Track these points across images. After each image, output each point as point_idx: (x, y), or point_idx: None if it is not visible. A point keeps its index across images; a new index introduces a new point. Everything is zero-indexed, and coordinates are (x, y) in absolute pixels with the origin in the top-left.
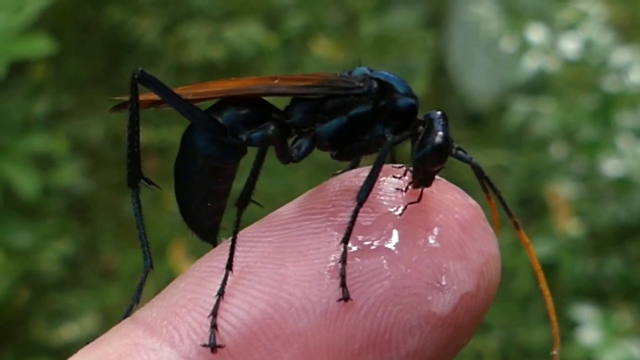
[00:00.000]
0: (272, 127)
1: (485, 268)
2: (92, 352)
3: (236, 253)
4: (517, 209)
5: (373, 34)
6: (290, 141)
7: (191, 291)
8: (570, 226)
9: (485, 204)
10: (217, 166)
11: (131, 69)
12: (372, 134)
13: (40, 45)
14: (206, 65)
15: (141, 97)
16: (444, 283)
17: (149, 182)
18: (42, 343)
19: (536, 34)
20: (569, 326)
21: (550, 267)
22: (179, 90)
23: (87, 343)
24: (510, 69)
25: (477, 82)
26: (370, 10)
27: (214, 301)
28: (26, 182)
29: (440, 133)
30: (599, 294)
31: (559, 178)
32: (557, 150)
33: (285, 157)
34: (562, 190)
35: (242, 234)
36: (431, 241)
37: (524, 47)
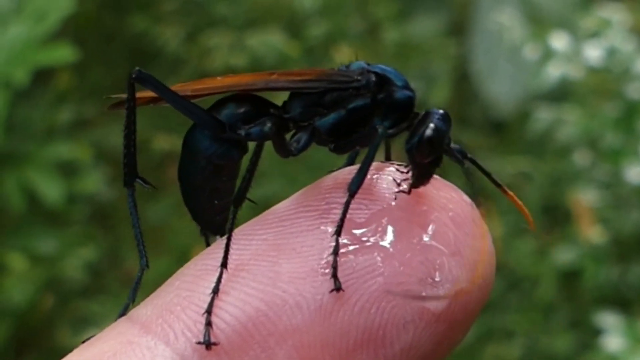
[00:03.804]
0: (270, 122)
1: (479, 264)
2: (87, 351)
3: (231, 251)
4: (540, 216)
5: (395, 41)
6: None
7: (186, 289)
8: (593, 233)
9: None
10: (219, 164)
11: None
12: (370, 126)
13: (63, 54)
14: (229, 73)
15: (139, 94)
16: (437, 279)
17: (145, 182)
18: (66, 349)
19: (559, 41)
20: (593, 333)
21: (573, 275)
22: (177, 88)
23: (83, 342)
24: (533, 77)
25: (500, 89)
26: (392, 18)
27: (208, 299)
28: (51, 190)
29: (431, 125)
30: (622, 302)
31: (583, 185)
32: (581, 158)
33: (284, 151)
34: (586, 198)
35: (236, 231)
36: (425, 238)
37: (547, 54)
